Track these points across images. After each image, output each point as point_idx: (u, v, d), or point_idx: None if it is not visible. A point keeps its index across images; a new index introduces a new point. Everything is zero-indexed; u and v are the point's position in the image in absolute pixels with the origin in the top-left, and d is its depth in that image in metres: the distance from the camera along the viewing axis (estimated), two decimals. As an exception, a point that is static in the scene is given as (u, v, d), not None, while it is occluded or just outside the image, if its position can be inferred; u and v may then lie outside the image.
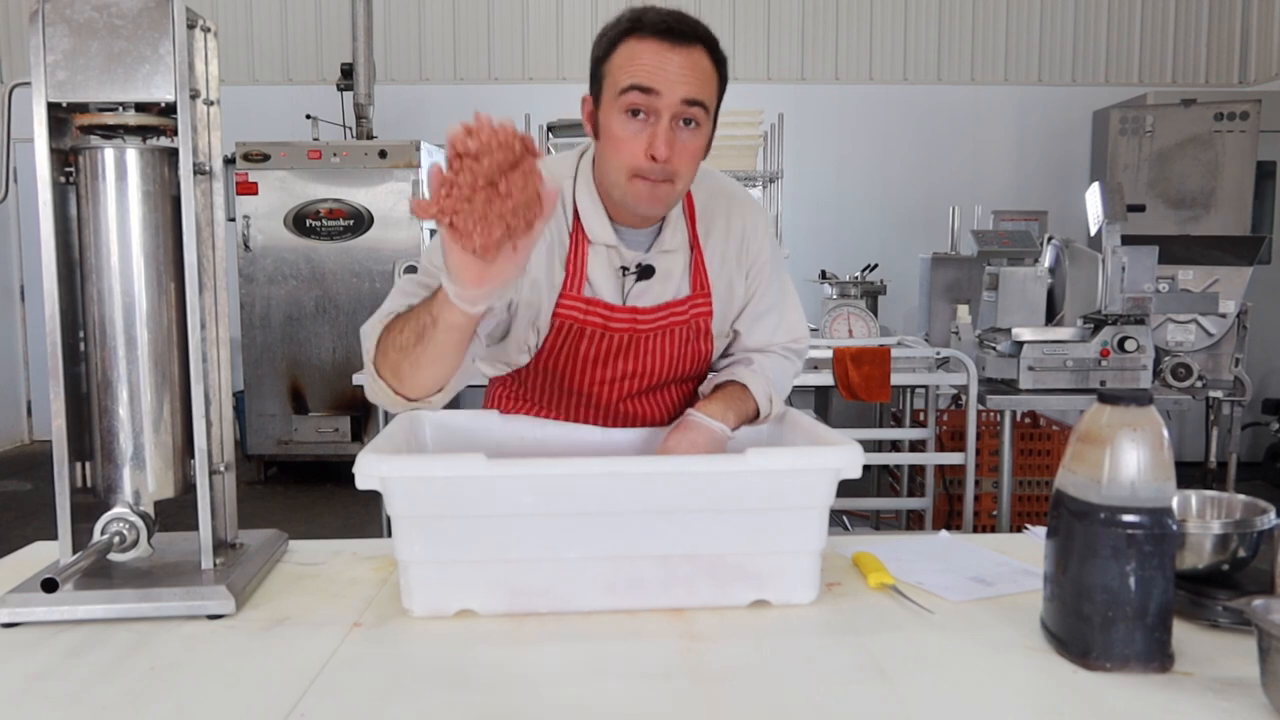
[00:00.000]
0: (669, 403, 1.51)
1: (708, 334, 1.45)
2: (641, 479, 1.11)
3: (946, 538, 1.46)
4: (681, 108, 1.22)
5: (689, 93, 1.22)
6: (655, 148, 1.22)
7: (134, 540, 1.17)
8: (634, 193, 1.27)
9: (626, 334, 1.39)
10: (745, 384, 1.42)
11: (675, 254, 1.41)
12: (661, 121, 1.22)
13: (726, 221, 1.45)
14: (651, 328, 1.40)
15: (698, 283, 1.42)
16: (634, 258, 1.38)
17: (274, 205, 5.36)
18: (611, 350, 1.40)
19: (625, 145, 1.25)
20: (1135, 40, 6.51)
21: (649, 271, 1.38)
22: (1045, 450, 3.85)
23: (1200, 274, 3.66)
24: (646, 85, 1.21)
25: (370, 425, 5.40)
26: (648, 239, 1.40)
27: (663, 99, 1.22)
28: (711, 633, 1.09)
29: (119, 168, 1.17)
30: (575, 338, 1.38)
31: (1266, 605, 0.88)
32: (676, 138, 1.24)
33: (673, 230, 1.40)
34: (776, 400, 1.45)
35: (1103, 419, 0.98)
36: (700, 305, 1.43)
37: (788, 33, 6.51)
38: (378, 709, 0.92)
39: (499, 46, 6.50)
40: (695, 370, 1.49)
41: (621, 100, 1.23)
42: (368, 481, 1.07)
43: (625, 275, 1.38)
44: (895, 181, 6.51)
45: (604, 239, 1.36)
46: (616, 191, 1.30)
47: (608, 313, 1.37)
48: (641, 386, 1.45)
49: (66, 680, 0.98)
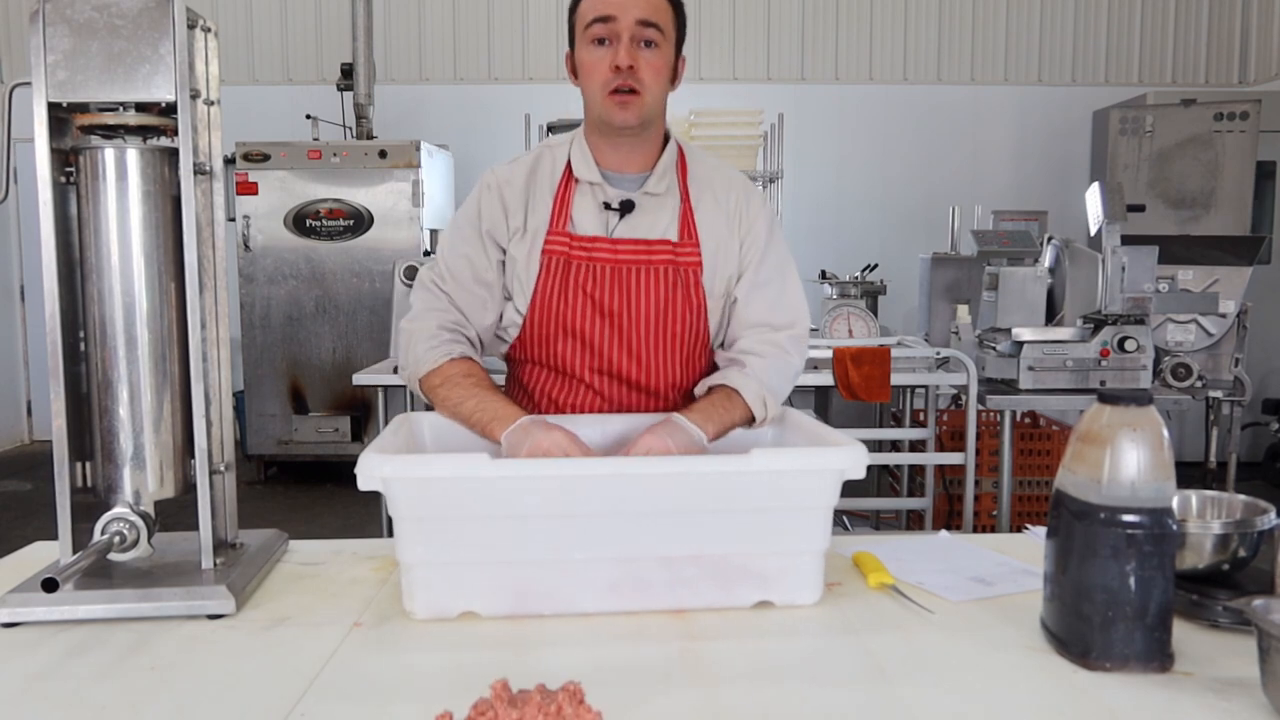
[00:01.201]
0: (671, 366, 1.52)
1: (698, 286, 1.51)
2: (646, 480, 1.11)
3: (946, 538, 1.46)
4: (638, 29, 1.41)
5: (642, 14, 1.41)
6: (618, 59, 1.41)
7: (134, 540, 1.17)
8: (608, 108, 1.44)
9: (609, 264, 1.49)
10: (735, 388, 1.44)
11: (662, 198, 1.52)
12: (622, 40, 1.41)
13: (722, 193, 1.56)
14: (634, 260, 1.50)
15: (685, 231, 1.52)
16: (618, 195, 1.51)
17: (274, 205, 5.36)
18: (599, 281, 1.49)
19: (595, 67, 1.44)
20: (1135, 40, 6.51)
21: (630, 205, 1.50)
22: (1045, 450, 3.85)
23: (1200, 274, 3.66)
24: (604, 14, 1.41)
25: (370, 425, 5.40)
26: (635, 184, 1.52)
27: (620, 22, 1.41)
28: (712, 633, 1.09)
29: (119, 168, 1.17)
30: (564, 270, 1.49)
31: (1266, 605, 0.88)
32: (638, 54, 1.42)
33: (659, 176, 1.52)
34: (771, 403, 1.46)
35: (1103, 419, 0.98)
36: (688, 253, 1.51)
37: (788, 33, 6.51)
38: (378, 709, 0.92)
39: (499, 46, 6.50)
40: (691, 326, 1.51)
41: (587, 33, 1.44)
42: (370, 482, 1.07)
43: (608, 210, 1.50)
44: (895, 181, 6.51)
45: (589, 177, 1.50)
46: (596, 114, 1.47)
47: (590, 244, 1.50)
48: (637, 332, 1.49)
49: (66, 680, 0.98)
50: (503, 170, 1.55)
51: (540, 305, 1.49)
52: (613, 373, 1.50)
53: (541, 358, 1.53)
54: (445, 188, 5.91)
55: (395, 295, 3.43)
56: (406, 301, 3.79)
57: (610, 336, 1.49)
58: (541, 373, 1.55)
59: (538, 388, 1.55)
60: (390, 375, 3.36)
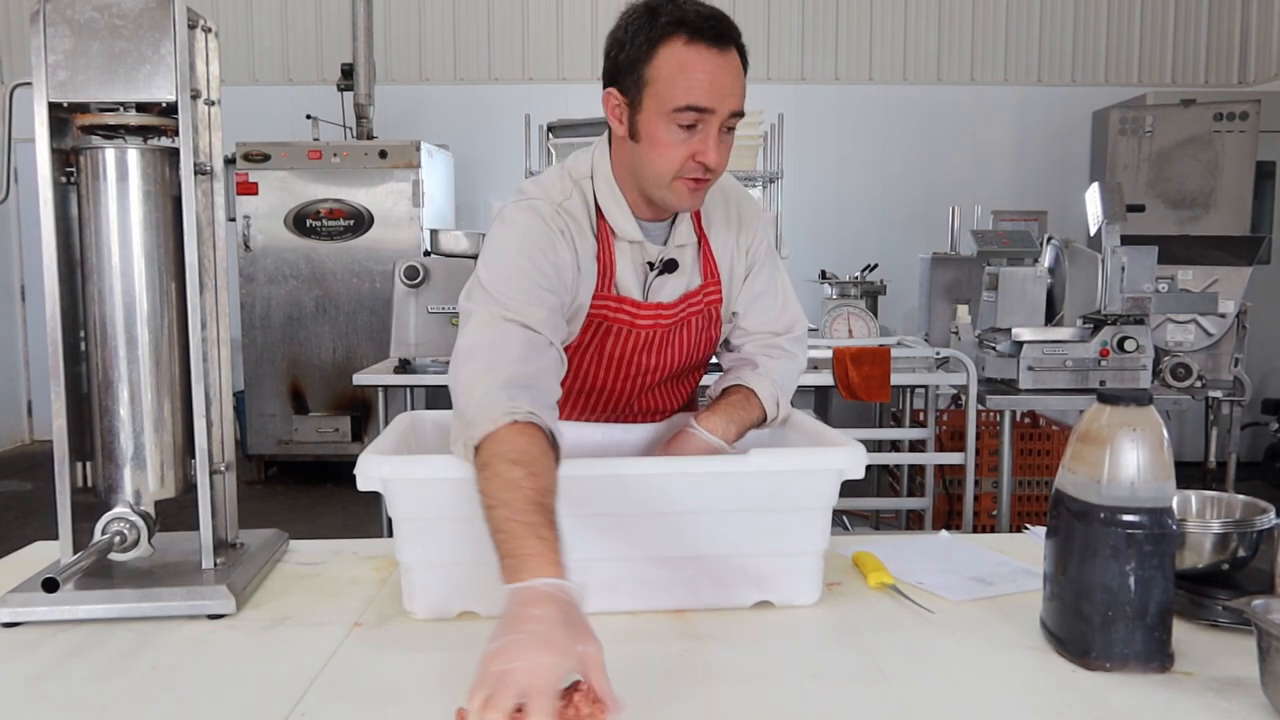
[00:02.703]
0: (680, 392, 1.54)
1: (718, 320, 1.48)
2: (645, 480, 1.11)
3: (946, 538, 1.46)
4: (730, 119, 1.25)
5: (737, 105, 1.24)
6: (707, 157, 1.24)
7: (134, 540, 1.17)
8: (676, 192, 1.29)
9: (651, 329, 1.40)
10: (752, 388, 1.43)
11: (686, 247, 1.43)
12: (711, 132, 1.24)
13: (724, 208, 1.48)
14: (673, 321, 1.42)
15: (707, 271, 1.45)
16: (657, 252, 1.39)
17: (274, 205, 5.35)
18: (636, 347, 1.41)
19: (673, 150, 1.25)
20: (1135, 40, 6.51)
21: (673, 265, 1.40)
22: (1045, 450, 3.85)
23: (1200, 274, 3.66)
24: (703, 106, 1.22)
25: (370, 425, 5.39)
26: (663, 233, 1.41)
27: (717, 114, 1.23)
28: (712, 633, 1.09)
29: (120, 168, 1.17)
30: (603, 335, 1.39)
31: (1266, 605, 0.88)
32: (724, 145, 1.26)
33: (684, 222, 1.41)
34: (783, 403, 1.45)
35: (1103, 419, 0.98)
36: (712, 293, 1.46)
37: (788, 33, 6.51)
38: (378, 709, 0.92)
39: (499, 46, 6.50)
40: (706, 356, 1.52)
41: (674, 116, 1.23)
42: (369, 483, 1.07)
43: (651, 270, 1.39)
44: (895, 181, 6.51)
45: (630, 235, 1.36)
46: (657, 191, 1.31)
47: (634, 309, 1.39)
48: (658, 379, 1.47)
49: (67, 680, 0.98)
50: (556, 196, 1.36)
51: (573, 363, 1.40)
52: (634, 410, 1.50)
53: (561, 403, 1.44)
54: (445, 188, 5.91)
55: (395, 295, 3.43)
56: (406, 301, 3.77)
57: (631, 385, 1.46)
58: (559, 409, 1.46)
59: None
60: (390, 375, 3.37)
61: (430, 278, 3.39)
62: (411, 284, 3.39)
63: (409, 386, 3.40)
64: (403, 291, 3.41)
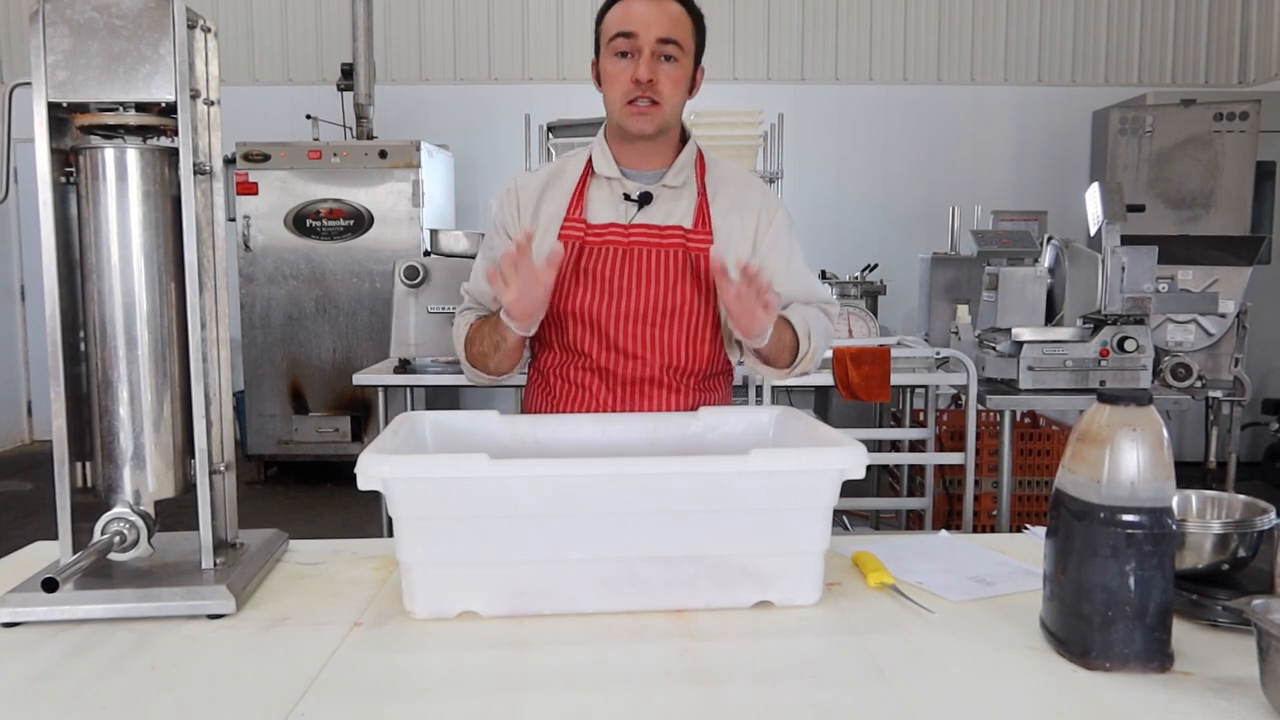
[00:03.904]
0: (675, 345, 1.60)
1: (708, 272, 1.57)
2: (645, 479, 1.11)
3: (946, 538, 1.46)
4: (658, 45, 1.50)
5: (662, 32, 1.50)
6: (638, 73, 1.50)
7: (134, 540, 1.17)
8: (628, 116, 1.54)
9: (620, 246, 1.58)
10: (784, 316, 1.57)
11: (679, 190, 1.61)
12: (643, 55, 1.50)
13: (740, 191, 1.65)
14: (645, 243, 1.58)
15: (700, 221, 1.60)
16: (637, 187, 1.60)
17: (274, 205, 5.36)
18: (609, 264, 1.57)
19: (617, 78, 1.53)
20: (1135, 40, 6.51)
21: (648, 197, 1.60)
22: (1045, 450, 3.85)
23: (1200, 274, 3.66)
24: (627, 30, 1.50)
25: (370, 425, 5.40)
26: (654, 180, 1.61)
27: (641, 38, 1.50)
28: (712, 633, 1.09)
29: (119, 168, 1.17)
30: (576, 256, 1.58)
31: (1266, 605, 0.88)
32: (658, 68, 1.51)
33: (677, 171, 1.61)
34: (815, 339, 1.60)
35: (1102, 419, 0.98)
36: (699, 240, 1.59)
37: (788, 33, 6.51)
38: (378, 709, 0.92)
39: (499, 46, 6.50)
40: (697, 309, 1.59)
41: (610, 46, 1.52)
42: (369, 482, 1.07)
43: (627, 201, 1.60)
44: (895, 181, 6.51)
45: (607, 172, 1.61)
46: (620, 122, 1.56)
47: (604, 230, 1.59)
48: (642, 309, 1.57)
49: (66, 680, 0.98)
50: (522, 176, 1.69)
51: (560, 288, 1.56)
52: (617, 348, 1.58)
53: (554, 339, 1.63)
54: (445, 188, 5.91)
55: (395, 295, 3.43)
56: (406, 301, 3.78)
57: (616, 315, 1.57)
58: (554, 353, 1.65)
59: (550, 369, 1.66)
60: (390, 375, 3.37)
61: (430, 278, 3.39)
62: (411, 284, 3.39)
63: (409, 386, 3.40)
64: (403, 291, 3.41)
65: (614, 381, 1.60)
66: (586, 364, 1.61)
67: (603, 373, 1.60)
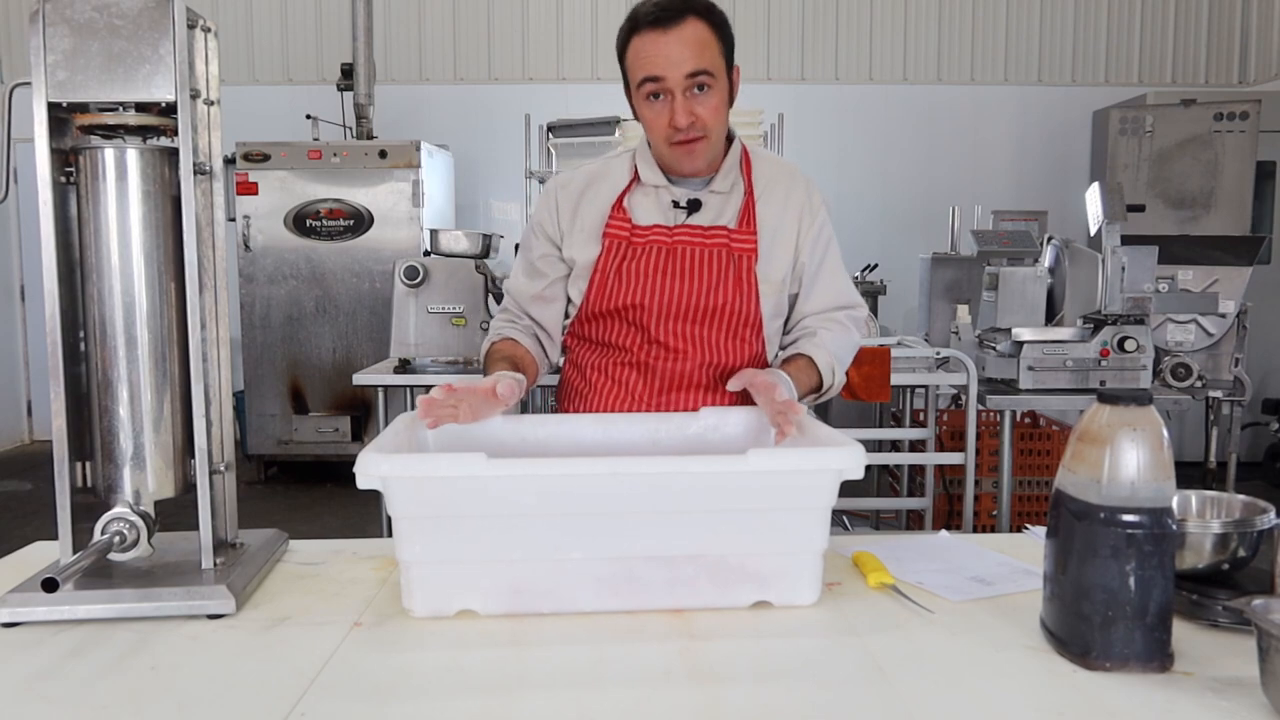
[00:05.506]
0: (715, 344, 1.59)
1: (750, 271, 1.57)
2: (644, 479, 1.11)
3: (946, 538, 1.46)
4: (688, 81, 1.45)
5: (689, 67, 1.44)
6: (675, 120, 1.47)
7: (134, 540, 1.17)
8: (674, 155, 1.54)
9: (664, 246, 1.57)
10: (810, 356, 1.58)
11: (727, 195, 1.60)
12: (675, 98, 1.46)
13: (787, 193, 1.64)
14: (689, 243, 1.57)
15: (745, 221, 1.59)
16: (685, 194, 1.60)
17: (274, 205, 5.36)
18: (654, 263, 1.57)
19: (654, 123, 1.51)
20: (1135, 40, 6.51)
21: (697, 205, 1.59)
22: (1045, 450, 3.85)
23: (1200, 274, 3.66)
24: (653, 75, 1.46)
25: (370, 425, 5.40)
26: (701, 186, 1.61)
27: (669, 80, 1.45)
28: (712, 633, 1.09)
29: (119, 168, 1.17)
30: (621, 254, 1.58)
31: (1266, 605, 0.88)
32: (693, 104, 1.47)
33: (724, 175, 1.60)
34: (838, 372, 1.60)
35: (1102, 419, 0.98)
36: (743, 240, 1.58)
37: (788, 33, 6.51)
38: (378, 709, 0.92)
39: (499, 46, 6.50)
40: (738, 309, 1.58)
41: (640, 91, 1.50)
42: (368, 481, 1.07)
43: (675, 209, 1.59)
44: (895, 181, 6.51)
45: (654, 181, 1.59)
46: (662, 156, 1.57)
47: (648, 230, 1.59)
48: (683, 306, 1.57)
49: (66, 680, 0.98)
50: (564, 175, 1.68)
51: (598, 285, 1.58)
52: (658, 342, 1.59)
53: (594, 335, 1.64)
54: (445, 188, 5.91)
55: (395, 295, 3.43)
56: (406, 301, 3.78)
57: (658, 310, 1.57)
58: (594, 350, 1.65)
59: (589, 364, 1.66)
60: (390, 375, 3.37)
61: (430, 278, 3.39)
62: (411, 284, 3.39)
63: (409, 386, 3.40)
64: (402, 291, 3.41)
65: (652, 377, 1.59)
66: (627, 359, 1.61)
67: (642, 368, 1.60)
